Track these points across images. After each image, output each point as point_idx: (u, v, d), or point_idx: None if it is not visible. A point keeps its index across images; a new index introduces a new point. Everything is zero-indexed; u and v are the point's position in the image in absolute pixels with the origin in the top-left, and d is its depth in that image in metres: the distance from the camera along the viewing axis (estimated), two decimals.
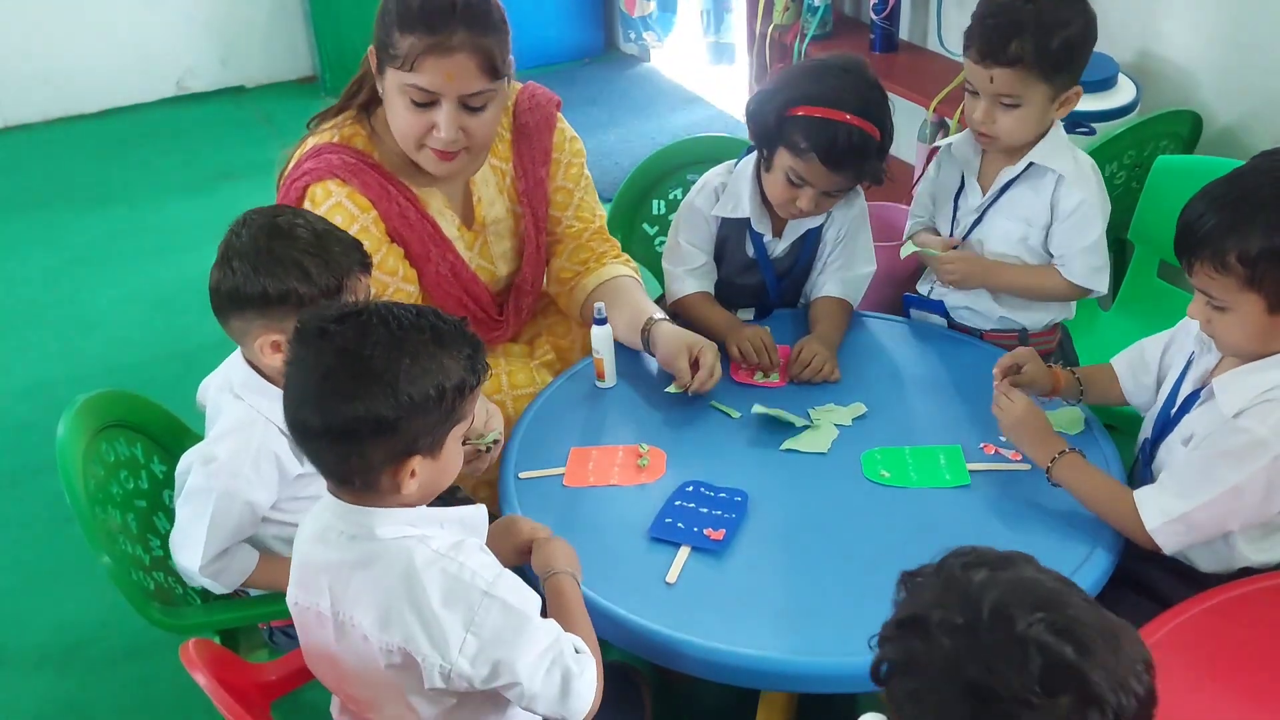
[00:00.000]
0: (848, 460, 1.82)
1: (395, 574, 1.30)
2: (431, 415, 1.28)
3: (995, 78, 1.94)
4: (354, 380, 1.24)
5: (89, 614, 2.46)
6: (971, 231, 2.14)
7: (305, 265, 1.61)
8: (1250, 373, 1.56)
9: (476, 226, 2.12)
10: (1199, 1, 2.71)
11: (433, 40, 1.81)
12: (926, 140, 3.22)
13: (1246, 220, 1.49)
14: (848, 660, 1.47)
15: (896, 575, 1.56)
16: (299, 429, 1.30)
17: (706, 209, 2.16)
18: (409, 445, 1.28)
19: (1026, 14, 1.90)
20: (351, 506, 1.34)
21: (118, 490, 1.80)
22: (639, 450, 1.85)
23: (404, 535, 1.33)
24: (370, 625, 1.32)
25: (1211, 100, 2.70)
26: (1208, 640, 1.49)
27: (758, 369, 2.02)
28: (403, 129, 1.91)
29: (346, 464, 1.29)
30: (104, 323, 3.58)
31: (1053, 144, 2.03)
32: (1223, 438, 1.55)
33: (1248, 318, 1.53)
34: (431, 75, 1.83)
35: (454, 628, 1.29)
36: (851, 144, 1.94)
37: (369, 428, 1.25)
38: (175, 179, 4.45)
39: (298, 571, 1.41)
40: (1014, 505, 1.71)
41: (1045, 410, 1.87)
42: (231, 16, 5.11)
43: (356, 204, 1.93)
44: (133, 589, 1.68)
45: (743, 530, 1.68)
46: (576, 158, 2.22)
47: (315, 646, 1.43)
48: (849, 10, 3.88)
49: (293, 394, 1.29)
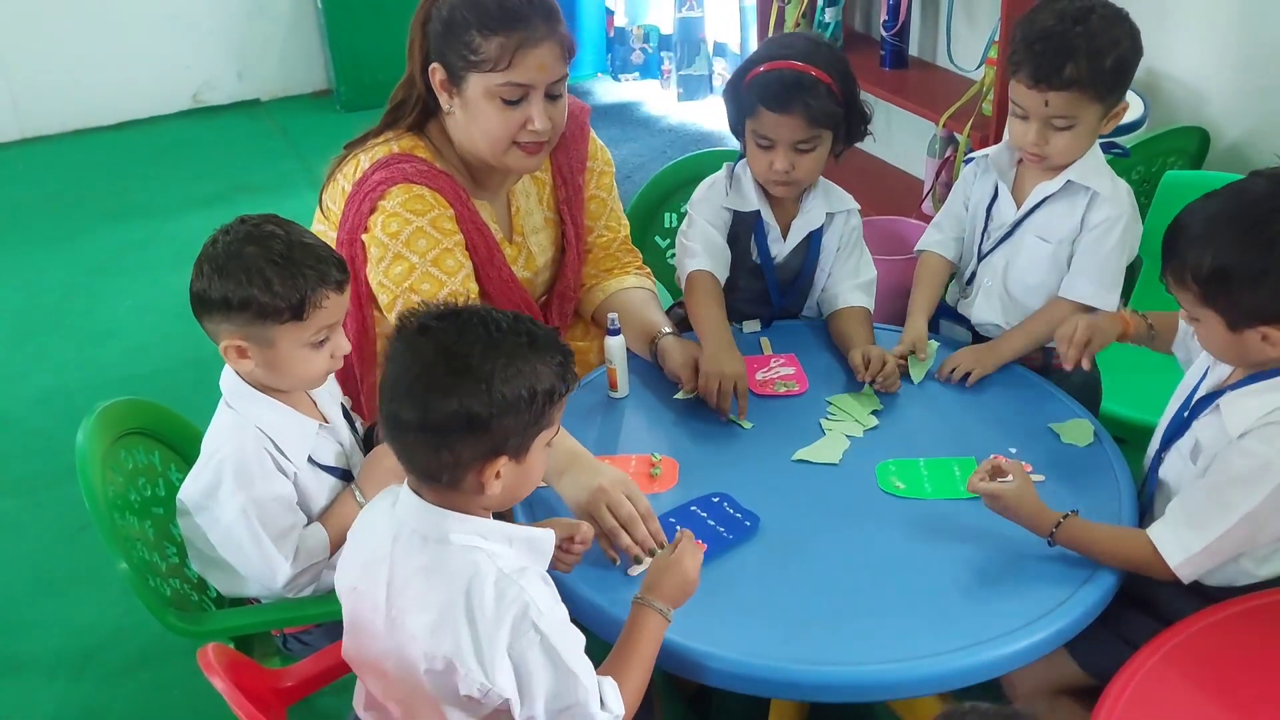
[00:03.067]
0: (861, 471, 1.83)
1: (458, 586, 1.32)
2: (522, 417, 1.30)
3: (1050, 101, 1.93)
4: (451, 376, 1.27)
5: (104, 621, 2.48)
6: (1000, 246, 2.14)
7: (267, 274, 1.61)
8: (1255, 394, 1.56)
9: (517, 238, 2.15)
10: (1207, 20, 2.73)
11: (522, 35, 1.88)
12: (936, 155, 3.24)
13: (1205, 239, 1.50)
14: (859, 669, 1.48)
15: (907, 585, 1.58)
16: (393, 422, 1.32)
17: (717, 200, 2.18)
18: (498, 445, 1.31)
19: (1078, 37, 1.89)
20: (430, 506, 1.35)
21: (135, 497, 1.83)
22: (651, 460, 1.86)
23: (474, 546, 1.34)
24: (421, 629, 1.33)
25: (1219, 117, 2.72)
26: (1211, 656, 1.50)
27: (776, 379, 2.04)
28: (494, 131, 1.95)
29: (436, 459, 1.31)
30: (122, 331, 3.62)
31: (1092, 163, 2.04)
32: (1230, 463, 1.55)
33: (1213, 330, 1.55)
34: (525, 69, 1.89)
35: (499, 647, 1.31)
36: (786, 82, 1.98)
37: (461, 424, 1.27)
38: (191, 191, 4.50)
39: (359, 553, 1.43)
40: None
41: (1054, 424, 1.89)
42: (248, 30, 5.17)
43: (436, 200, 1.98)
44: (150, 595, 1.70)
45: (754, 540, 1.69)
46: (608, 167, 2.28)
47: (360, 632, 1.44)
48: (859, 26, 3.91)
49: (389, 388, 1.32)
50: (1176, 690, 1.44)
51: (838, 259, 2.22)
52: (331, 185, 2.05)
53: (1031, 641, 1.51)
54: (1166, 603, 1.67)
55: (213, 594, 1.88)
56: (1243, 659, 1.49)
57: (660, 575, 1.49)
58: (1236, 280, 1.48)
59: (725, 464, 1.86)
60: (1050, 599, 1.56)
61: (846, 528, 1.72)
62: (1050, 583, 1.59)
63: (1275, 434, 1.51)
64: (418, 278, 1.94)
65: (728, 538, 1.69)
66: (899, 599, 1.58)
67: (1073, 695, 1.73)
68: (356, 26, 4.93)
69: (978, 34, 3.24)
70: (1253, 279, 1.47)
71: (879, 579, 1.62)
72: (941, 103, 3.22)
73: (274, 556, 1.70)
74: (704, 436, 1.94)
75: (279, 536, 1.70)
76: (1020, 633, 1.51)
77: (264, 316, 1.63)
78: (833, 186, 2.21)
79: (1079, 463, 1.83)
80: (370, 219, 1.97)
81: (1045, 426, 1.91)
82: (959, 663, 1.48)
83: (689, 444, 1.92)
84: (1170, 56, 2.84)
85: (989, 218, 2.16)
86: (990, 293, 2.17)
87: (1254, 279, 1.47)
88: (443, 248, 1.96)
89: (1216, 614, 1.56)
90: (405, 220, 1.95)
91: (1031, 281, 2.12)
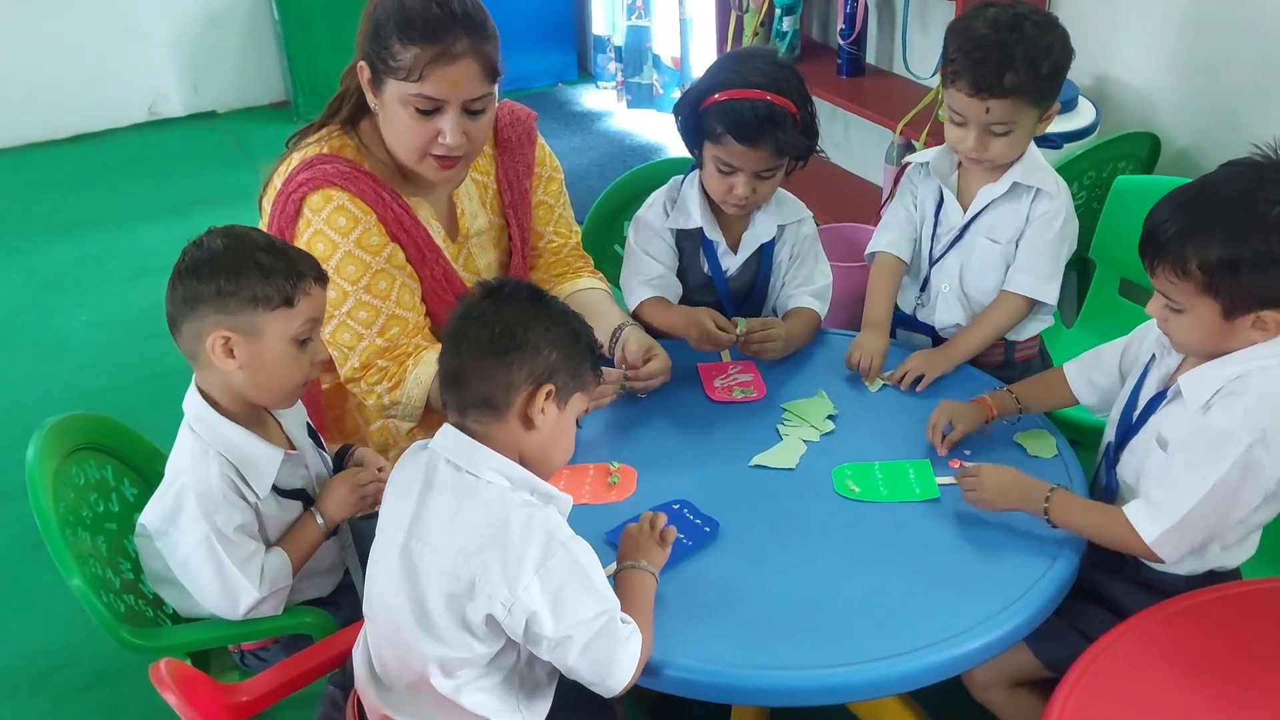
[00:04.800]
0: (817, 475, 1.83)
1: (486, 509, 1.43)
2: (570, 354, 1.48)
3: (991, 109, 1.95)
4: (528, 302, 1.49)
5: (59, 639, 2.45)
6: (951, 249, 2.16)
7: (260, 260, 1.64)
8: (1213, 367, 1.59)
9: (460, 239, 2.14)
10: (1157, 26, 2.77)
11: (439, 49, 1.85)
12: (894, 162, 3.26)
13: (1207, 228, 1.52)
14: (819, 673, 1.49)
15: (865, 587, 1.59)
16: (458, 346, 1.47)
17: (658, 224, 2.19)
18: (548, 372, 1.46)
19: (1015, 45, 1.91)
20: (468, 440, 1.47)
21: (88, 513, 1.80)
22: (609, 468, 1.86)
23: (500, 484, 1.46)
24: (447, 555, 1.42)
25: (1169, 123, 2.75)
26: (1164, 649, 1.52)
27: (734, 386, 2.06)
28: (406, 139, 1.94)
29: (494, 378, 1.45)
30: (76, 347, 3.57)
31: (1032, 163, 2.07)
32: (1195, 438, 1.58)
33: (1203, 320, 1.56)
34: (438, 84, 1.87)
35: (527, 566, 1.39)
36: (759, 117, 1.98)
37: (528, 342, 1.45)
38: (147, 204, 4.46)
39: (391, 486, 1.55)
40: (981, 519, 1.72)
41: (1018, 434, 1.90)
42: (203, 42, 5.13)
43: (357, 207, 1.96)
44: (103, 611, 1.67)
45: (712, 547, 1.69)
46: (556, 173, 2.27)
47: (374, 566, 1.53)
48: (817, 35, 3.94)
49: (458, 321, 1.49)
50: (1129, 681, 1.46)
51: (791, 268, 2.22)
52: (269, 187, 2.04)
53: (988, 639, 1.52)
54: (1121, 597, 1.69)
55: (168, 610, 1.86)
56: (1194, 651, 1.52)
57: (627, 541, 1.61)
58: (1246, 265, 1.50)
59: (683, 470, 1.86)
60: (1006, 596, 1.57)
61: (804, 532, 1.73)
62: (1006, 581, 1.60)
63: (1235, 403, 1.54)
64: (353, 305, 1.96)
65: (688, 544, 1.69)
66: (857, 602, 1.59)
67: (1030, 687, 1.75)
68: (313, 37, 4.91)
69: (932, 42, 3.27)
70: (1260, 263, 1.50)
71: (837, 582, 1.62)
72: (899, 110, 3.24)
73: (239, 582, 1.68)
74: (661, 444, 1.94)
75: (243, 562, 1.69)
76: (977, 630, 1.52)
77: (256, 302, 1.64)
78: (785, 197, 2.21)
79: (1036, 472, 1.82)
80: (297, 226, 1.96)
81: (1001, 426, 1.92)
82: (918, 663, 1.49)
83: (646, 452, 1.92)
84: (1121, 63, 2.88)
85: (937, 222, 2.18)
86: (949, 298, 2.18)
87: (1261, 263, 1.50)
88: (373, 271, 1.96)
89: (1169, 608, 1.58)
90: (332, 243, 1.94)
91: (988, 284, 2.14)
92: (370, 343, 1.98)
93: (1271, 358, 1.56)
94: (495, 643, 1.45)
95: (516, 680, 1.51)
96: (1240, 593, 1.65)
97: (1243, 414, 1.53)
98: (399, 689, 1.50)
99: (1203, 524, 1.58)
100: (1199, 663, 1.50)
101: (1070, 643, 1.62)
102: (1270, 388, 1.54)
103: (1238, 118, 2.61)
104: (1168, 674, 1.48)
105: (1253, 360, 1.56)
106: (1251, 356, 1.57)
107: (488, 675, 1.48)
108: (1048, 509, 1.66)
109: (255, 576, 1.70)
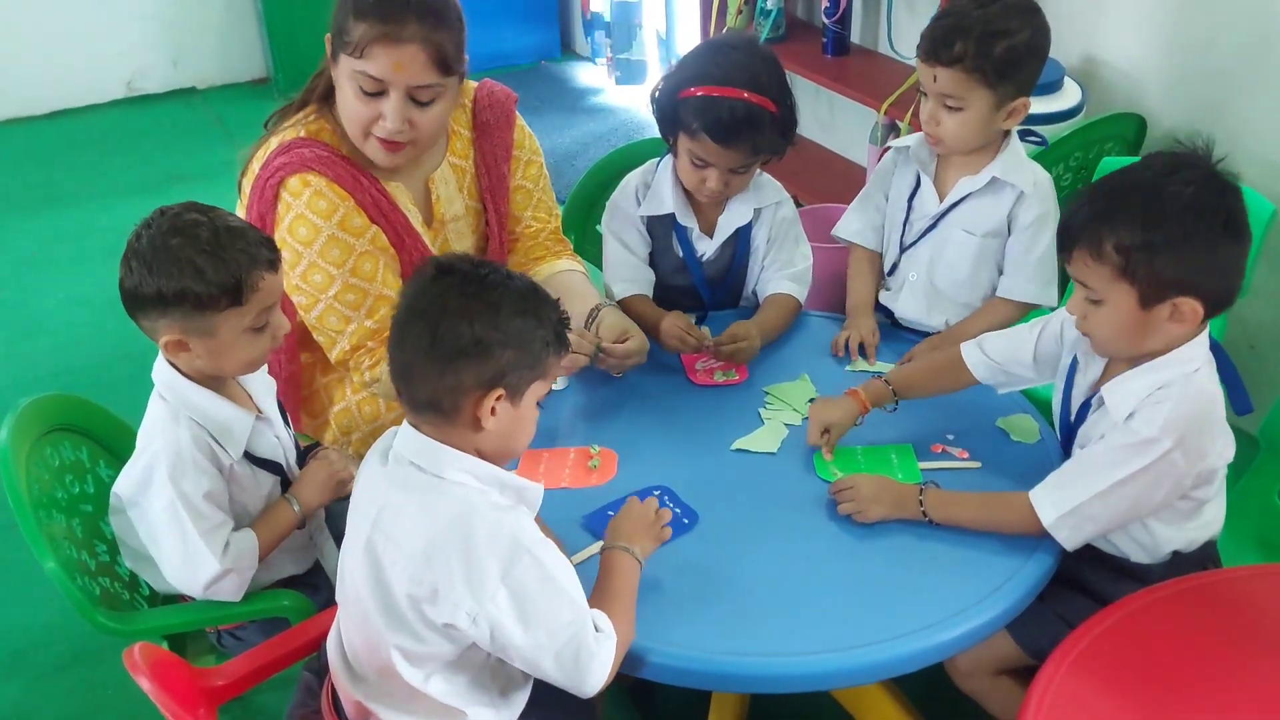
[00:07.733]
0: (799, 460, 1.83)
1: (451, 514, 1.38)
2: (523, 354, 1.39)
3: (938, 77, 1.97)
4: (465, 299, 1.37)
5: (35, 620, 2.43)
6: (924, 237, 2.15)
7: (198, 264, 1.59)
8: (1135, 377, 1.59)
9: (436, 224, 2.12)
10: (1143, 6, 2.76)
11: (385, 29, 1.82)
12: (878, 143, 3.25)
13: (1122, 210, 1.52)
14: (800, 660, 1.48)
15: (846, 573, 1.58)
16: (403, 346, 1.40)
17: (630, 209, 2.17)
18: (498, 376, 1.38)
19: (973, 18, 1.94)
20: (428, 441, 1.41)
21: (63, 495, 1.78)
22: (590, 452, 1.85)
23: (466, 484, 1.41)
24: (409, 556, 1.37)
25: (1155, 103, 2.74)
26: (1145, 635, 1.52)
27: (716, 369, 2.04)
28: (350, 116, 1.93)
29: (440, 383, 1.38)
30: (53, 326, 3.53)
31: (1013, 159, 2.06)
32: (1117, 435, 1.59)
33: (1120, 309, 1.55)
34: (380, 63, 1.84)
35: (491, 575, 1.35)
36: (737, 118, 1.95)
37: (468, 345, 1.36)
38: (126, 181, 4.41)
39: (357, 490, 1.50)
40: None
41: (1001, 418, 1.90)
42: (183, 17, 5.07)
43: (335, 192, 1.94)
44: (78, 594, 1.66)
45: (694, 531, 1.68)
46: (536, 156, 2.24)
47: (348, 567, 1.48)
48: (801, 14, 3.91)
49: (403, 314, 1.41)
50: (1110, 668, 1.46)
51: (770, 251, 2.20)
52: (248, 170, 2.02)
53: (970, 626, 1.51)
54: (1103, 584, 1.69)
55: (145, 592, 1.85)
56: (1175, 638, 1.52)
57: (622, 519, 1.58)
58: (1160, 246, 1.49)
59: (664, 454, 1.85)
60: (988, 584, 1.56)
61: (785, 517, 1.72)
62: (988, 568, 1.60)
63: (1157, 414, 1.54)
64: (339, 288, 1.95)
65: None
66: (838, 587, 1.58)
67: (1013, 674, 1.75)
68: (294, 13, 4.85)
69: (918, 21, 3.23)
70: (1173, 244, 1.49)
71: (818, 568, 1.61)
72: (883, 90, 3.23)
73: (201, 551, 1.66)
74: (642, 428, 1.93)
75: (208, 532, 1.67)
76: (959, 618, 1.51)
77: (202, 307, 1.60)
78: (763, 179, 2.18)
79: (1020, 456, 1.83)
80: (277, 211, 1.94)
81: (979, 408, 1.91)
82: (900, 649, 1.49)
83: (627, 435, 1.91)
84: (1107, 44, 2.87)
85: (910, 209, 2.17)
86: (915, 287, 2.17)
87: (1174, 244, 1.49)
88: (357, 253, 1.95)
89: (1150, 595, 1.58)
90: (314, 227, 1.93)
91: (960, 276, 2.13)
92: (359, 325, 1.97)
93: (1190, 363, 1.56)
94: (461, 643, 1.42)
95: (488, 675, 1.49)
96: (1220, 579, 1.65)
97: (1163, 422, 1.53)
98: (371, 677, 1.49)
99: (1105, 515, 1.59)
100: (1179, 649, 1.50)
101: (1051, 630, 1.61)
102: (1190, 393, 1.55)
103: (1224, 98, 2.60)
104: (1148, 660, 1.48)
105: (1173, 366, 1.56)
106: (1171, 362, 1.57)
107: (457, 669, 1.45)
108: (924, 510, 1.66)
109: (218, 549, 1.67)
